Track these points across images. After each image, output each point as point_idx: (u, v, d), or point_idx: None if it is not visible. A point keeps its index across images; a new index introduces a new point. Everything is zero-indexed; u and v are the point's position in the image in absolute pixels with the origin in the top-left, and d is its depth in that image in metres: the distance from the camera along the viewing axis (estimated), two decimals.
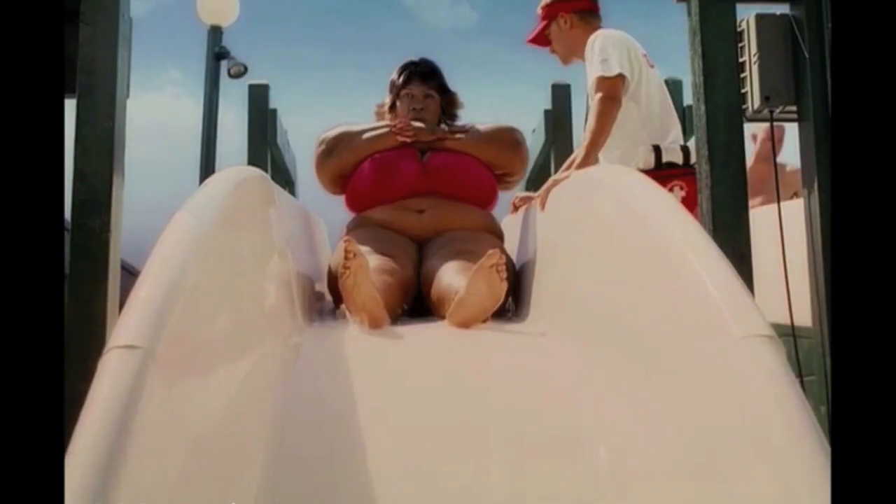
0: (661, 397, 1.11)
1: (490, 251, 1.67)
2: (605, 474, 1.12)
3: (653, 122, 2.61)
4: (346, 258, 1.66)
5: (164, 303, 1.05)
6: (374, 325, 1.69)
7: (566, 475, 1.15)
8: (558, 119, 4.09)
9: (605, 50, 2.51)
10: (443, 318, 1.86)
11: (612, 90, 2.45)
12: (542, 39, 2.84)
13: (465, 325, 1.70)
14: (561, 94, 4.11)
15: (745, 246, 1.84)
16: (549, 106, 4.17)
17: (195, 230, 1.27)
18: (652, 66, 2.66)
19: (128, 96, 1.85)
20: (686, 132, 3.86)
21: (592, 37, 2.58)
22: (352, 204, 2.52)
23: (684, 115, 3.85)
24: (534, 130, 4.41)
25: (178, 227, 1.27)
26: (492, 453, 1.22)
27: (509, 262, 2.16)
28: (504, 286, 1.68)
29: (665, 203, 1.35)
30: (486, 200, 2.52)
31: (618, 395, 1.25)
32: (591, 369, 1.36)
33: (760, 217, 1.98)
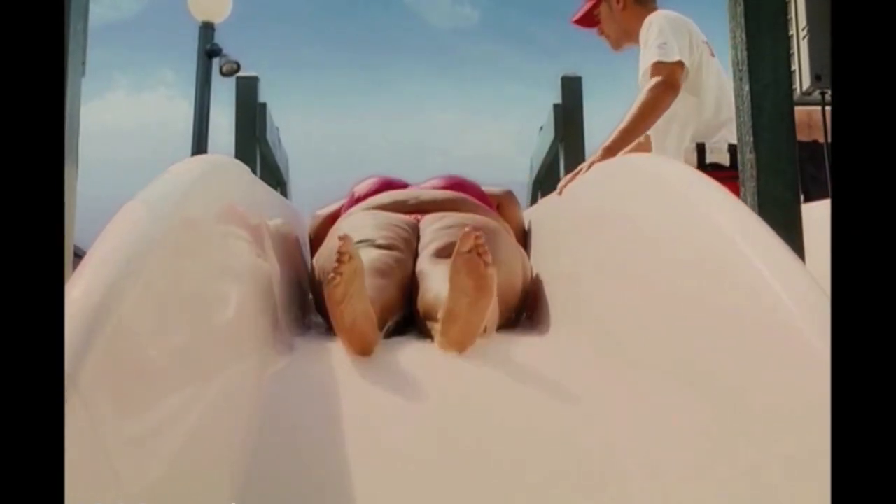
0: (733, 437, 0.89)
1: (464, 230, 1.35)
2: None
3: (705, 118, 2.36)
4: (338, 261, 1.30)
5: (95, 315, 0.83)
6: (363, 349, 1.35)
7: None
8: (569, 114, 3.83)
9: (663, 33, 2.26)
10: (431, 335, 1.53)
11: (672, 77, 2.20)
12: (589, 19, 2.58)
13: (461, 344, 1.35)
14: (571, 87, 3.85)
15: (797, 248, 1.59)
16: (557, 100, 3.92)
17: (145, 225, 1.03)
18: (713, 56, 2.41)
19: (83, 75, 1.61)
20: None
21: (650, 17, 2.35)
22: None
23: None
24: (541, 128, 4.19)
25: (123, 220, 1.03)
26: None
27: (520, 258, 1.94)
28: (490, 273, 1.33)
29: (721, 200, 1.13)
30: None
31: (670, 431, 1.02)
32: (633, 400, 1.13)
33: (812, 214, 1.73)
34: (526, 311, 1.89)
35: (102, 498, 0.74)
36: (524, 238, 2.27)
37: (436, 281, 1.66)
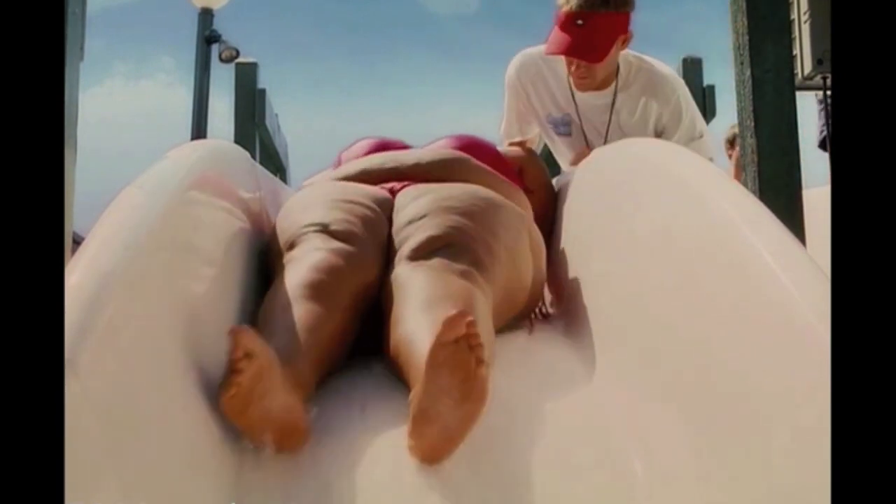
0: (738, 426, 0.89)
1: (449, 314, 0.96)
2: None
3: None
4: (235, 362, 0.92)
5: (95, 301, 0.82)
6: (287, 447, 1.00)
7: None
8: None
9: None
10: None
11: None
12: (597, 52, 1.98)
13: (438, 452, 0.97)
14: None
15: (798, 232, 1.59)
16: None
17: (143, 210, 1.03)
18: None
19: (82, 59, 1.61)
20: (707, 113, 3.65)
21: (682, 88, 2.07)
22: None
23: (704, 94, 3.64)
24: None
25: (122, 205, 1.03)
26: None
27: (534, 244, 1.52)
28: (483, 375, 0.95)
29: (724, 185, 1.12)
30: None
31: (675, 421, 1.01)
32: (637, 392, 1.12)
33: (814, 200, 1.73)
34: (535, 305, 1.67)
35: (101, 482, 0.74)
36: (554, 205, 1.88)
37: (411, 305, 1.21)
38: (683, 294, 1.09)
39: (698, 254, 1.07)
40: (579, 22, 1.91)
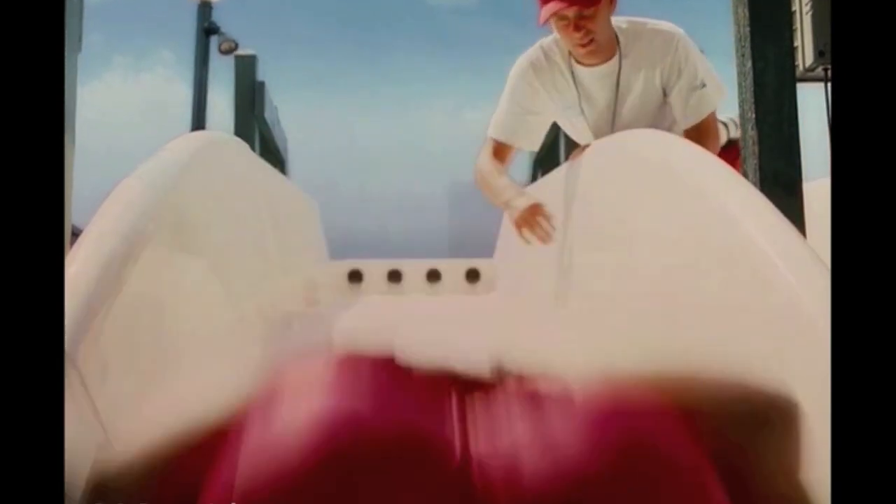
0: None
1: None
2: None
3: None
4: None
5: (94, 291, 0.82)
6: None
7: None
8: None
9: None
10: None
11: None
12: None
13: None
14: None
15: (798, 224, 1.58)
16: None
17: (143, 201, 1.02)
18: None
19: (79, 50, 1.60)
20: None
21: (682, 38, 2.00)
22: None
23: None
24: None
25: (121, 197, 1.03)
26: None
27: None
28: None
29: (725, 177, 1.11)
30: None
31: None
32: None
33: (815, 193, 1.72)
34: None
35: (101, 475, 0.74)
36: None
37: None
38: (684, 286, 1.09)
39: (699, 246, 1.07)
40: None
